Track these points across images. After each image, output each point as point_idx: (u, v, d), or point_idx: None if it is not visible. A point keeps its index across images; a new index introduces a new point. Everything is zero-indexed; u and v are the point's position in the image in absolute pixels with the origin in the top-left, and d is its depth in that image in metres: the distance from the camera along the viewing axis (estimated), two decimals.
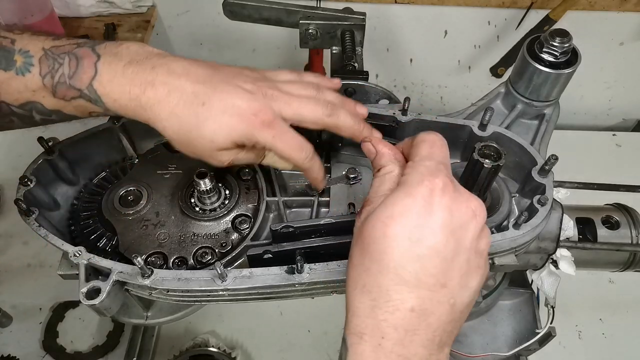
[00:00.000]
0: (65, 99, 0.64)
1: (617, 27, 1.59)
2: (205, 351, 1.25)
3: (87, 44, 0.65)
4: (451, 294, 0.50)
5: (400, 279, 0.49)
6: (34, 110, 0.66)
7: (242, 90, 0.63)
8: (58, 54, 0.63)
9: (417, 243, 0.49)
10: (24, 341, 1.26)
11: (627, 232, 0.82)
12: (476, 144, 0.67)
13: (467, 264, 0.51)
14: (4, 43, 0.63)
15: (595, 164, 1.61)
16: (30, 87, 0.63)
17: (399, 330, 0.49)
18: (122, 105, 0.63)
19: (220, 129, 0.62)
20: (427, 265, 0.49)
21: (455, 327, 0.52)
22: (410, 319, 0.49)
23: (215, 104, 0.61)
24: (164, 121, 0.62)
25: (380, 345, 0.49)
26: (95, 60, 0.63)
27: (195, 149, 0.65)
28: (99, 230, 0.77)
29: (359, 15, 1.09)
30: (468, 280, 0.52)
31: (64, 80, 0.63)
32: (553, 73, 0.75)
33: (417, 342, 0.49)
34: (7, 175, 1.54)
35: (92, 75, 0.62)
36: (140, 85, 0.61)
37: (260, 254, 0.67)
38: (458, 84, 1.84)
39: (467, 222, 0.51)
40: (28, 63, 0.63)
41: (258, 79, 0.66)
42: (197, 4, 1.66)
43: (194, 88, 0.62)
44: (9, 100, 0.64)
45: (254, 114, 0.62)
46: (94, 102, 0.64)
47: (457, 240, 0.50)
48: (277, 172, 0.85)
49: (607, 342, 1.31)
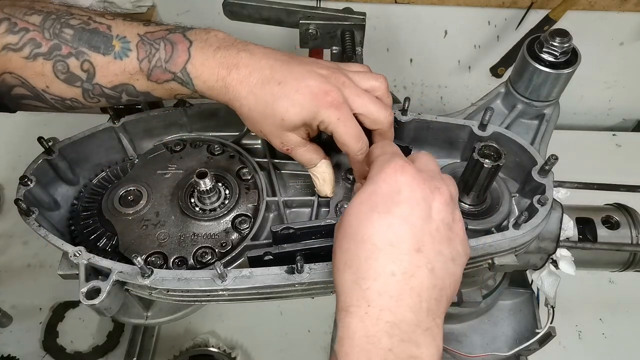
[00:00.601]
0: (158, 82, 0.70)
1: (617, 27, 1.59)
2: (205, 351, 1.25)
3: (178, 29, 0.71)
4: (427, 259, 0.53)
5: (375, 247, 0.52)
6: (124, 92, 0.71)
7: (316, 74, 0.68)
8: (153, 39, 0.69)
9: (386, 214, 0.53)
10: (24, 341, 1.26)
11: (627, 232, 0.82)
12: (476, 144, 0.67)
13: (438, 232, 0.54)
14: (101, 29, 0.69)
15: (595, 164, 1.61)
16: (128, 70, 0.69)
17: (383, 296, 0.51)
18: (209, 86, 0.69)
19: (292, 107, 0.67)
20: (398, 231, 0.53)
21: (441, 296, 0.53)
22: (393, 284, 0.51)
23: (290, 84, 0.67)
24: (242, 99, 0.68)
25: (367, 313, 0.51)
26: (188, 45, 0.69)
27: (265, 126, 0.70)
28: (99, 230, 0.77)
29: (359, 15, 1.09)
30: (441, 248, 0.54)
31: (160, 64, 0.69)
32: (553, 73, 0.75)
33: (404, 307, 0.51)
34: (7, 175, 1.54)
35: (186, 59, 0.68)
36: (227, 67, 0.68)
37: (260, 256, 0.67)
38: (458, 84, 1.84)
39: (429, 195, 0.55)
40: (126, 48, 0.68)
41: (332, 67, 0.71)
42: (197, 4, 1.65)
43: (272, 69, 0.68)
44: (103, 82, 0.70)
45: (324, 93, 0.66)
46: (185, 84, 0.70)
47: (422, 210, 0.54)
48: (277, 172, 0.85)
49: (607, 342, 1.31)
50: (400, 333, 0.50)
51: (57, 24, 0.68)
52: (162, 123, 0.85)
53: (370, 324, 0.50)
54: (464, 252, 0.58)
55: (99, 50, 0.68)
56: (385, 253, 0.52)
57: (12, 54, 0.67)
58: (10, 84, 0.70)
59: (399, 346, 0.49)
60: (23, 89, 0.70)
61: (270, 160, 0.85)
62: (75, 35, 0.68)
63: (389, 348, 0.49)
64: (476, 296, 0.90)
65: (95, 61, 0.68)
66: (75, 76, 0.69)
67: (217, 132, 0.88)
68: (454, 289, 0.56)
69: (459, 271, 0.56)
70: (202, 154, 0.84)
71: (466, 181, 0.72)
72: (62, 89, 0.70)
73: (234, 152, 0.85)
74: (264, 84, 0.67)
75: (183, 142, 0.86)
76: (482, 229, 0.74)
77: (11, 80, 0.69)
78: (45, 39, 0.67)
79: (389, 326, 0.50)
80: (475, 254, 0.68)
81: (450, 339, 0.97)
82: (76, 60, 0.68)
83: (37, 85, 0.70)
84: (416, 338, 0.50)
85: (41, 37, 0.67)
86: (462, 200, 0.76)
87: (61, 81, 0.69)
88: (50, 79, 0.69)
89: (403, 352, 0.49)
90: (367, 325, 0.50)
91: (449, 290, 0.54)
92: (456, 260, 0.56)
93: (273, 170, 0.84)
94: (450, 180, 0.61)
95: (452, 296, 0.55)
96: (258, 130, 0.72)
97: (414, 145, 0.83)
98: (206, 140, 0.86)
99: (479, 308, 0.93)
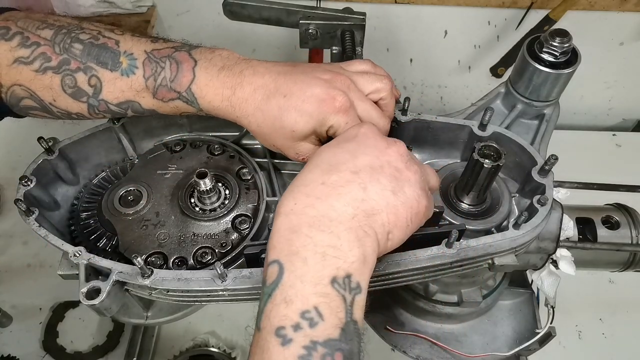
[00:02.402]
0: (163, 100, 0.71)
1: (617, 27, 1.59)
2: (205, 351, 1.25)
3: (184, 47, 0.71)
4: (361, 179, 0.56)
5: (315, 166, 0.58)
6: (130, 109, 0.72)
7: (320, 80, 0.68)
8: (159, 57, 0.70)
9: (334, 147, 0.60)
10: (24, 341, 1.26)
11: (627, 232, 0.82)
12: (476, 144, 0.67)
13: (381, 168, 0.58)
14: (110, 44, 0.70)
15: (595, 164, 1.61)
16: (134, 87, 0.70)
17: (310, 197, 0.55)
18: (214, 106, 0.70)
19: (300, 117, 0.67)
20: (339, 157, 0.58)
21: (372, 213, 0.55)
22: (321, 189, 0.55)
23: (296, 94, 0.67)
24: (250, 117, 0.69)
25: (292, 210, 0.54)
26: (193, 65, 0.69)
27: (277, 140, 0.70)
28: (99, 230, 0.77)
29: (359, 15, 1.09)
30: (380, 178, 0.57)
31: (166, 83, 0.69)
32: (553, 73, 0.75)
33: (327, 205, 0.54)
34: (7, 175, 1.54)
35: (191, 79, 0.69)
36: (231, 87, 0.68)
37: (257, 254, 0.67)
38: (458, 84, 1.84)
39: (382, 144, 0.60)
40: (132, 65, 0.69)
41: (335, 70, 0.72)
42: (197, 4, 1.65)
43: (276, 83, 0.68)
44: (109, 99, 0.71)
45: (331, 98, 0.67)
46: (190, 103, 0.70)
47: (370, 150, 0.59)
48: (277, 172, 0.85)
49: (607, 342, 1.31)
50: (321, 225, 0.53)
51: (68, 38, 0.69)
52: (162, 123, 0.85)
53: (295, 218, 0.54)
54: (413, 197, 0.58)
55: (107, 66, 0.69)
56: (321, 169, 0.57)
57: (23, 67, 0.69)
58: (20, 96, 0.71)
59: (319, 235, 0.52)
60: (31, 101, 0.72)
61: (270, 160, 0.85)
62: (84, 50, 0.69)
63: (309, 235, 0.52)
64: (476, 296, 0.90)
65: (102, 77, 0.70)
66: (82, 91, 0.70)
67: (217, 132, 0.88)
68: (393, 221, 0.57)
69: (401, 207, 0.57)
70: (202, 154, 0.84)
71: (466, 181, 0.72)
72: (69, 103, 0.71)
73: (234, 152, 0.85)
74: (269, 99, 0.68)
75: (183, 142, 0.86)
76: (482, 229, 0.74)
77: (20, 92, 0.71)
78: (55, 54, 0.69)
79: (310, 219, 0.53)
80: (475, 254, 0.68)
81: (450, 339, 0.97)
82: (84, 75, 0.69)
83: (44, 99, 0.71)
84: (338, 232, 0.53)
85: (51, 51, 0.69)
86: (462, 200, 0.76)
87: (68, 95, 0.70)
88: (58, 92, 0.70)
89: (322, 240, 0.52)
90: (291, 219, 0.54)
91: (384, 215, 0.56)
92: (398, 195, 0.57)
93: (273, 170, 0.84)
94: (428, 167, 0.67)
95: (390, 227, 0.56)
96: (271, 144, 0.72)
97: (414, 145, 0.83)
98: (206, 140, 0.86)
99: (479, 308, 0.93)
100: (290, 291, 0.50)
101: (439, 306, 0.93)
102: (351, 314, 0.50)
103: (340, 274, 0.51)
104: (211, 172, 0.73)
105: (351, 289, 0.51)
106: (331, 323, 0.48)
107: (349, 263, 0.51)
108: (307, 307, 0.49)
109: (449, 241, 0.67)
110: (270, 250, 0.54)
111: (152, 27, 1.60)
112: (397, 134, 0.81)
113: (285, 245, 0.52)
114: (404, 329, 0.97)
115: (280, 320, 0.49)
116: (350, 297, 0.50)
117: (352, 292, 0.51)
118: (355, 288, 0.51)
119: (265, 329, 0.49)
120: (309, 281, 0.50)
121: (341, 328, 0.49)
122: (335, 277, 0.50)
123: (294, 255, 0.51)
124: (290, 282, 0.50)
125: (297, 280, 0.50)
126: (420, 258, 0.67)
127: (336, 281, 0.50)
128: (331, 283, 0.50)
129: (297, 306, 0.49)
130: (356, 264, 0.52)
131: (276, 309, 0.50)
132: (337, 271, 0.51)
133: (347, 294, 0.50)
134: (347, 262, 0.51)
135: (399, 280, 0.69)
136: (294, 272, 0.51)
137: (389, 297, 1.00)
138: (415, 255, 0.67)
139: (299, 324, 0.48)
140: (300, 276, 0.50)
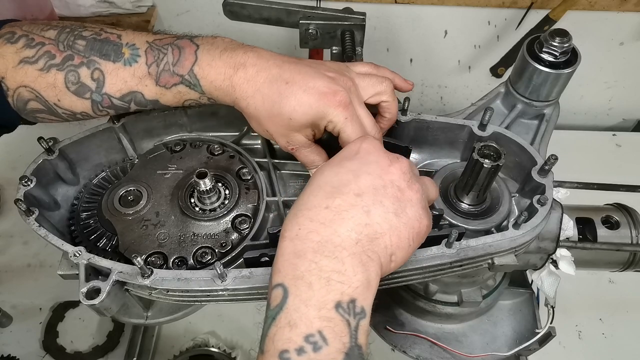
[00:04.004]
0: (166, 86, 0.71)
1: (617, 27, 1.59)
2: (205, 351, 1.25)
3: (186, 36, 0.73)
4: (364, 202, 0.56)
5: (318, 188, 0.58)
6: (133, 101, 0.73)
7: (324, 75, 0.69)
8: (161, 45, 0.71)
9: (336, 166, 0.60)
10: (24, 341, 1.26)
11: (627, 232, 0.82)
12: (476, 144, 0.67)
13: (384, 189, 0.58)
14: (112, 38, 0.71)
15: (595, 164, 1.61)
16: (137, 75, 0.70)
17: (314, 222, 0.55)
18: (216, 86, 0.70)
19: (299, 106, 0.67)
20: (342, 178, 0.58)
21: (375, 237, 0.55)
22: (325, 213, 0.55)
23: (298, 83, 0.67)
24: (249, 98, 0.69)
25: (297, 235, 0.55)
26: (195, 49, 0.70)
27: (272, 126, 0.70)
28: (99, 230, 0.77)
29: (359, 15, 1.09)
30: (383, 200, 0.57)
31: (168, 67, 0.70)
32: (553, 73, 0.75)
33: (331, 231, 0.54)
34: (7, 175, 1.54)
35: (193, 61, 0.70)
36: (234, 66, 0.69)
37: (257, 257, 0.67)
38: (458, 84, 1.84)
39: (385, 161, 0.60)
40: (135, 54, 0.70)
41: (339, 70, 0.73)
42: (197, 4, 1.65)
43: (280, 68, 0.68)
44: (112, 92, 0.72)
45: (333, 93, 0.67)
46: (192, 86, 0.71)
47: (373, 169, 0.59)
48: (277, 172, 0.85)
49: (607, 342, 1.31)
50: (325, 250, 0.53)
51: (71, 36, 0.71)
52: (162, 123, 0.85)
53: (299, 243, 0.54)
54: (415, 218, 0.59)
55: (109, 58, 0.70)
56: (325, 191, 0.57)
57: (28, 66, 0.70)
58: (26, 98, 0.72)
59: (323, 260, 0.52)
60: (37, 103, 0.72)
61: (270, 160, 0.85)
62: (87, 46, 0.70)
63: (313, 260, 0.52)
64: (476, 296, 0.90)
65: (105, 69, 0.70)
66: (85, 86, 0.71)
67: (217, 132, 0.88)
68: (396, 243, 0.57)
69: (403, 228, 0.57)
70: (202, 154, 0.84)
71: (466, 181, 0.72)
72: (73, 101, 0.72)
73: (234, 152, 0.85)
74: (271, 83, 0.68)
75: (183, 142, 0.86)
76: (482, 229, 0.74)
77: (26, 94, 0.71)
78: (60, 51, 0.70)
79: (315, 244, 0.53)
80: (475, 254, 0.68)
81: (450, 339, 0.97)
82: (87, 69, 0.70)
83: (49, 99, 0.72)
84: (342, 257, 0.53)
85: (56, 49, 0.70)
86: (462, 200, 0.76)
87: (72, 93, 0.71)
88: (61, 90, 0.71)
89: (327, 265, 0.52)
90: (296, 244, 0.54)
91: (387, 238, 0.56)
92: (401, 217, 0.57)
93: (273, 170, 0.84)
94: (427, 180, 0.67)
95: (393, 249, 0.57)
96: (264, 129, 0.72)
97: (414, 145, 0.83)
98: (206, 140, 0.86)
99: (479, 308, 0.93)
100: (295, 315, 0.50)
101: (439, 306, 0.93)
102: (355, 338, 0.50)
103: (344, 299, 0.51)
104: (211, 172, 0.73)
105: (355, 313, 0.51)
106: (335, 347, 0.49)
107: (353, 288, 0.52)
108: (311, 331, 0.49)
109: (449, 241, 0.67)
110: (274, 274, 0.54)
111: (152, 27, 1.60)
112: (397, 134, 0.81)
113: (290, 270, 0.53)
114: (404, 329, 0.97)
115: (284, 343, 0.49)
116: (355, 322, 0.51)
117: (357, 317, 0.51)
118: (360, 313, 0.51)
119: (269, 352, 0.49)
120: (313, 305, 0.50)
121: (345, 353, 0.49)
122: (340, 301, 0.51)
123: (299, 279, 0.52)
124: (294, 305, 0.50)
125: (301, 304, 0.50)
126: (420, 258, 0.67)
127: (340, 306, 0.50)
128: (335, 308, 0.50)
129: (301, 330, 0.49)
130: (360, 289, 0.52)
131: (280, 332, 0.50)
132: (341, 296, 0.51)
133: (352, 318, 0.51)
134: (351, 287, 0.52)
135: (399, 280, 0.69)
136: (298, 296, 0.51)
137: (389, 297, 1.00)
138: (415, 255, 0.67)
139: (303, 348, 0.48)
140: (304, 300, 0.50)
